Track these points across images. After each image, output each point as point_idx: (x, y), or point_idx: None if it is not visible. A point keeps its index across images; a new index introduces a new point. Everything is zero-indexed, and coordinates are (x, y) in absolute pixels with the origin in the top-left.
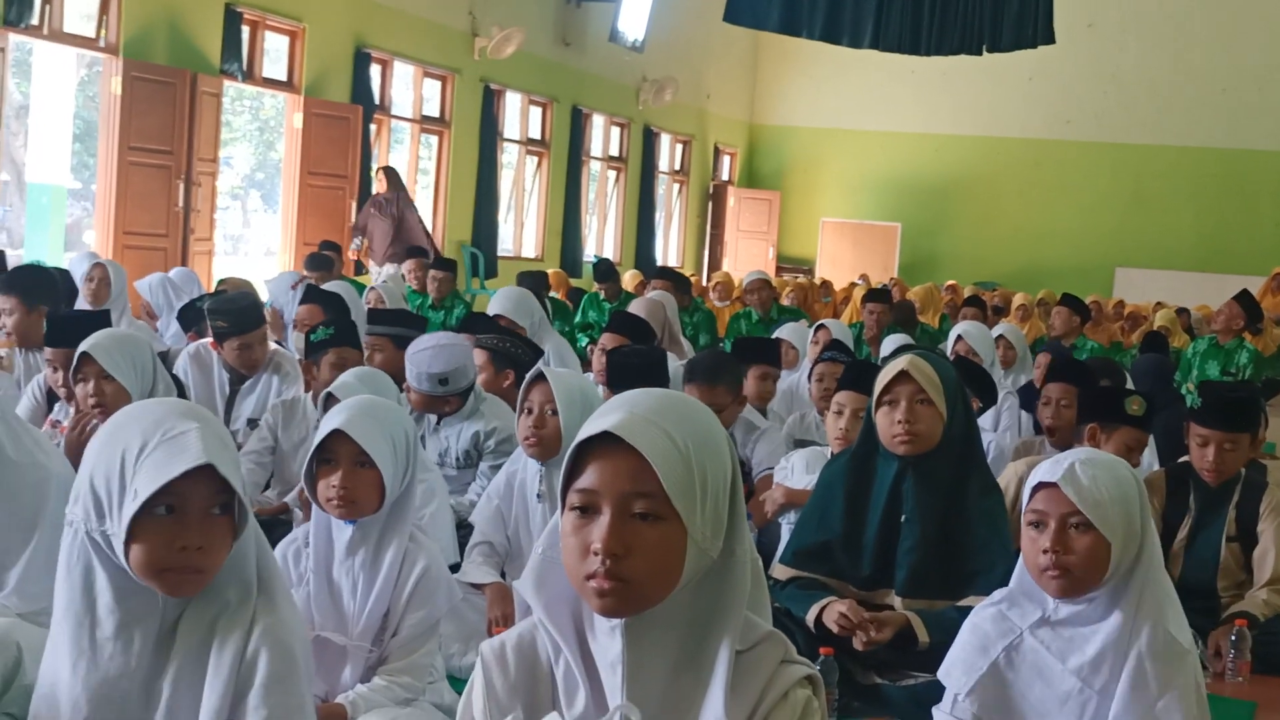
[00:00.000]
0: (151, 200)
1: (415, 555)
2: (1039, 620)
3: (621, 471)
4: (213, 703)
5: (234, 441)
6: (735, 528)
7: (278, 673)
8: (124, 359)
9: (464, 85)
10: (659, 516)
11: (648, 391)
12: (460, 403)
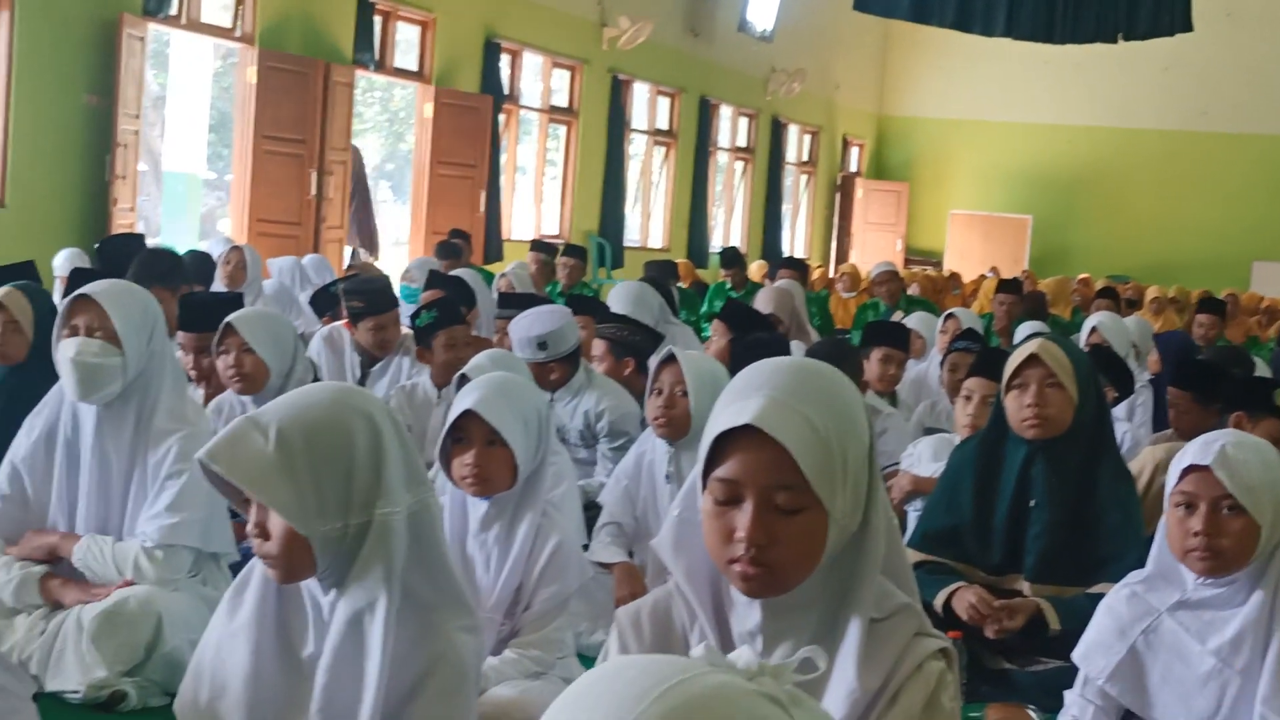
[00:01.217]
0: (285, 189)
1: (548, 531)
2: (1177, 602)
3: (764, 463)
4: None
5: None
6: (873, 496)
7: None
8: (267, 334)
9: (592, 75)
10: (802, 507)
11: (786, 367)
12: (564, 372)
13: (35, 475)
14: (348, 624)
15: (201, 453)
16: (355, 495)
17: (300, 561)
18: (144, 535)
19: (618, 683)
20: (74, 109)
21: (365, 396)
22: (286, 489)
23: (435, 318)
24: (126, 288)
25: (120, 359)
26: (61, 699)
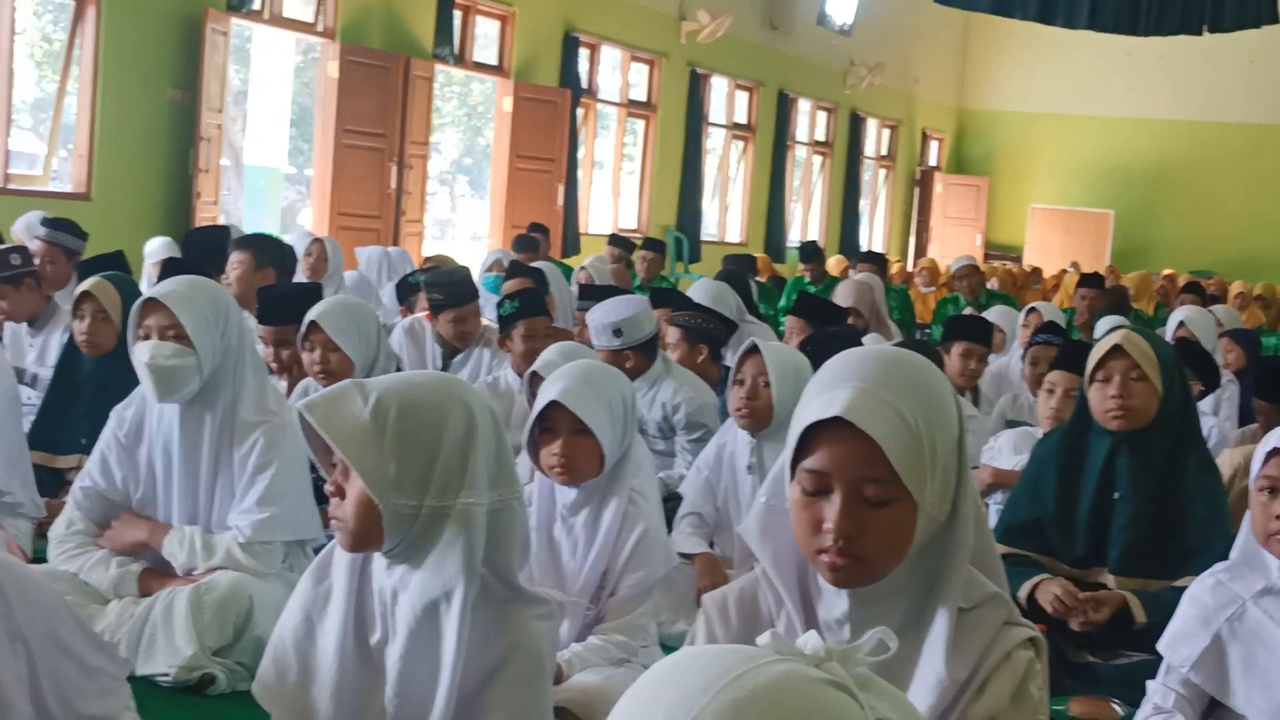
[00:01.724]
0: (365, 182)
1: (635, 518)
2: (1262, 589)
3: (853, 455)
4: (447, 687)
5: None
6: (961, 485)
7: (524, 674)
8: (351, 328)
9: (671, 69)
10: (890, 498)
11: (874, 357)
12: (640, 361)
13: (124, 467)
14: (424, 611)
15: (303, 402)
16: (435, 478)
17: (369, 530)
18: (237, 530)
19: (684, 674)
20: (159, 103)
21: (471, 391)
22: (370, 454)
23: (517, 308)
24: (194, 285)
25: (194, 358)
26: (152, 682)
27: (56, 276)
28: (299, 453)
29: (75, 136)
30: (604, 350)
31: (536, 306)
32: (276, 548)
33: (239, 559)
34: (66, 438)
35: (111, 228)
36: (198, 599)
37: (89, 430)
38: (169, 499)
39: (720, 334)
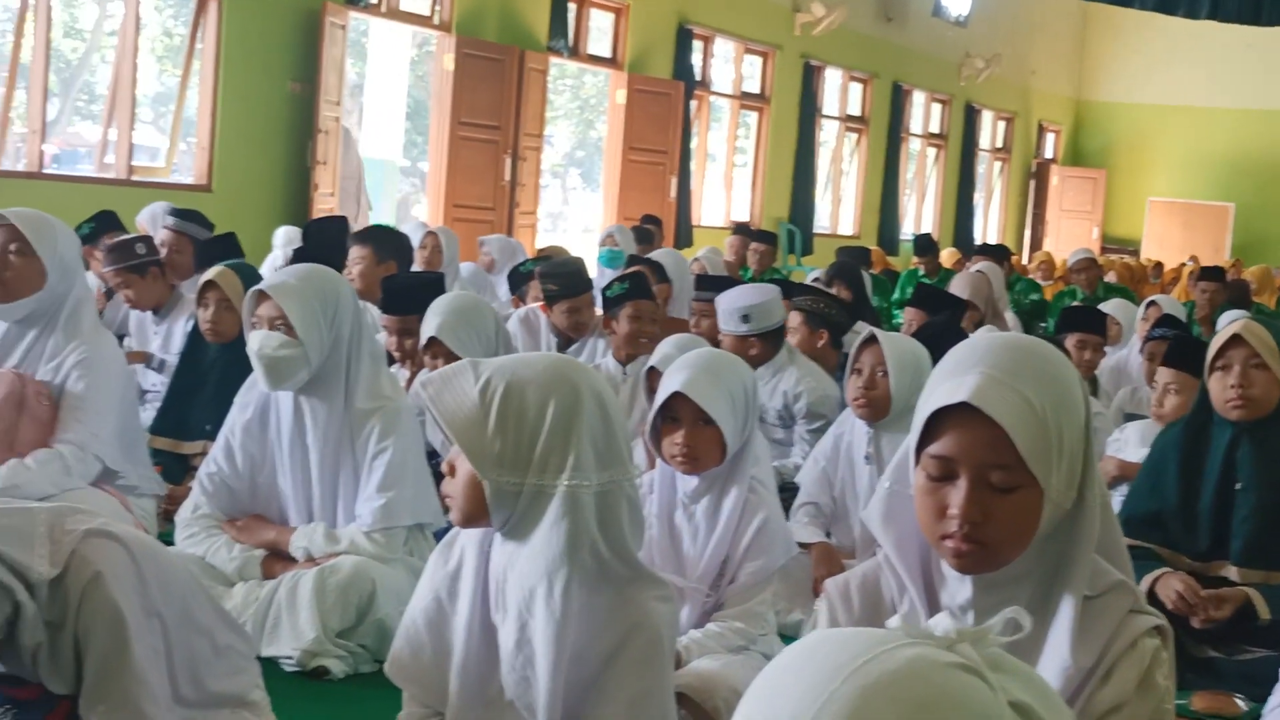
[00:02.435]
0: (479, 174)
1: (755, 506)
2: None
3: (979, 441)
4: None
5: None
6: (1088, 473)
7: (644, 656)
8: (471, 338)
9: (784, 61)
10: (1016, 485)
11: (1002, 344)
12: (765, 349)
13: (248, 452)
14: (528, 591)
15: (420, 380)
16: (536, 457)
17: (475, 506)
18: (360, 519)
19: (814, 659)
20: (278, 96)
21: (584, 372)
22: (474, 431)
23: (626, 289)
24: (304, 277)
25: (301, 349)
26: (275, 664)
27: (182, 265)
28: (416, 438)
29: (197, 129)
30: (730, 335)
31: (644, 290)
32: (398, 533)
33: (363, 546)
34: (192, 424)
35: (231, 219)
36: (321, 582)
37: (213, 417)
38: (289, 485)
39: (841, 320)
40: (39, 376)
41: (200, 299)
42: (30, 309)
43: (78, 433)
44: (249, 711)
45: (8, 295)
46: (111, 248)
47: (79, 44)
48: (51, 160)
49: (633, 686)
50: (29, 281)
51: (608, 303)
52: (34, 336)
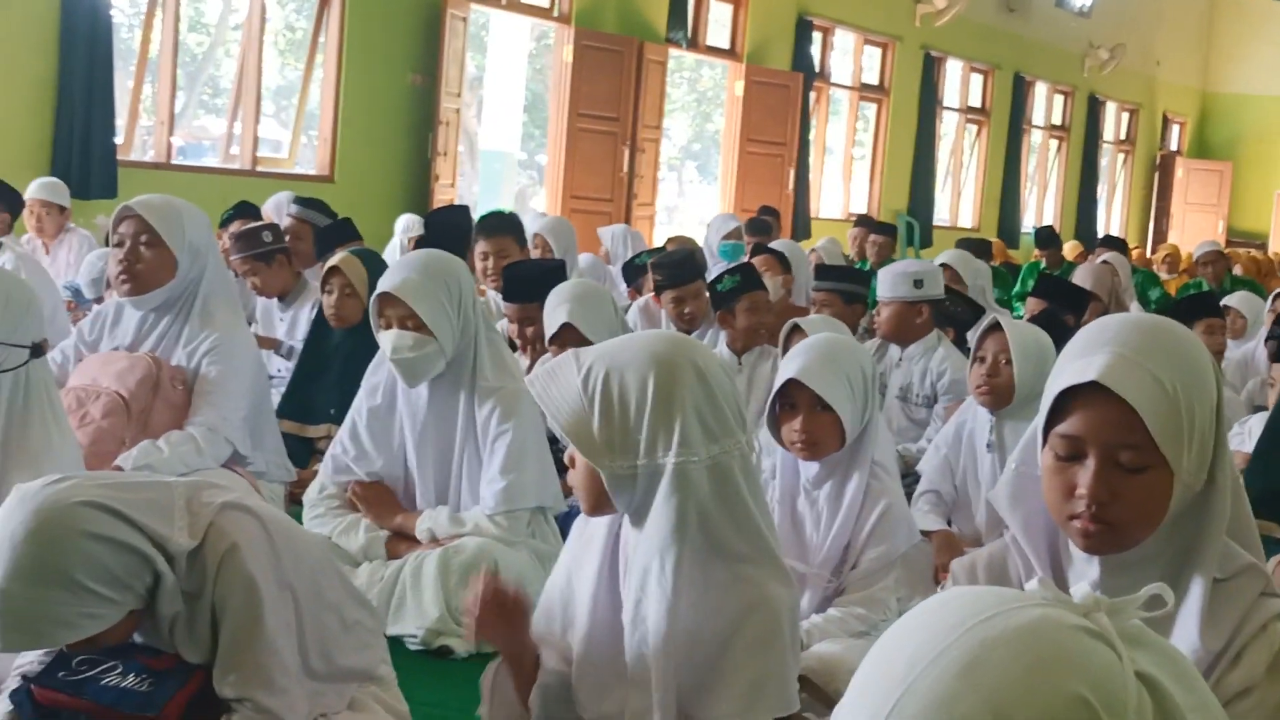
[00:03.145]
0: (598, 166)
1: (878, 492)
2: None
3: (1109, 420)
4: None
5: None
6: (1219, 454)
7: (763, 637)
8: (599, 323)
9: (904, 52)
10: (1146, 465)
11: (1133, 324)
12: (930, 322)
13: (374, 434)
14: (643, 569)
15: (528, 378)
16: (644, 439)
17: (598, 495)
18: (483, 502)
19: (940, 612)
20: (399, 89)
21: (682, 345)
22: (580, 421)
23: (738, 282)
24: (425, 271)
25: (435, 344)
26: (400, 643)
27: (306, 253)
28: (537, 421)
29: (319, 122)
30: (898, 302)
31: (756, 281)
32: (520, 515)
33: (486, 528)
34: (317, 408)
35: (353, 210)
36: (445, 562)
37: (338, 401)
38: (415, 467)
39: (967, 318)
40: (173, 362)
41: (324, 284)
42: (163, 298)
43: (209, 416)
44: (376, 686)
45: (140, 287)
46: (238, 236)
47: (204, 38)
48: (177, 153)
49: (752, 670)
50: (160, 271)
51: (720, 297)
52: (168, 322)
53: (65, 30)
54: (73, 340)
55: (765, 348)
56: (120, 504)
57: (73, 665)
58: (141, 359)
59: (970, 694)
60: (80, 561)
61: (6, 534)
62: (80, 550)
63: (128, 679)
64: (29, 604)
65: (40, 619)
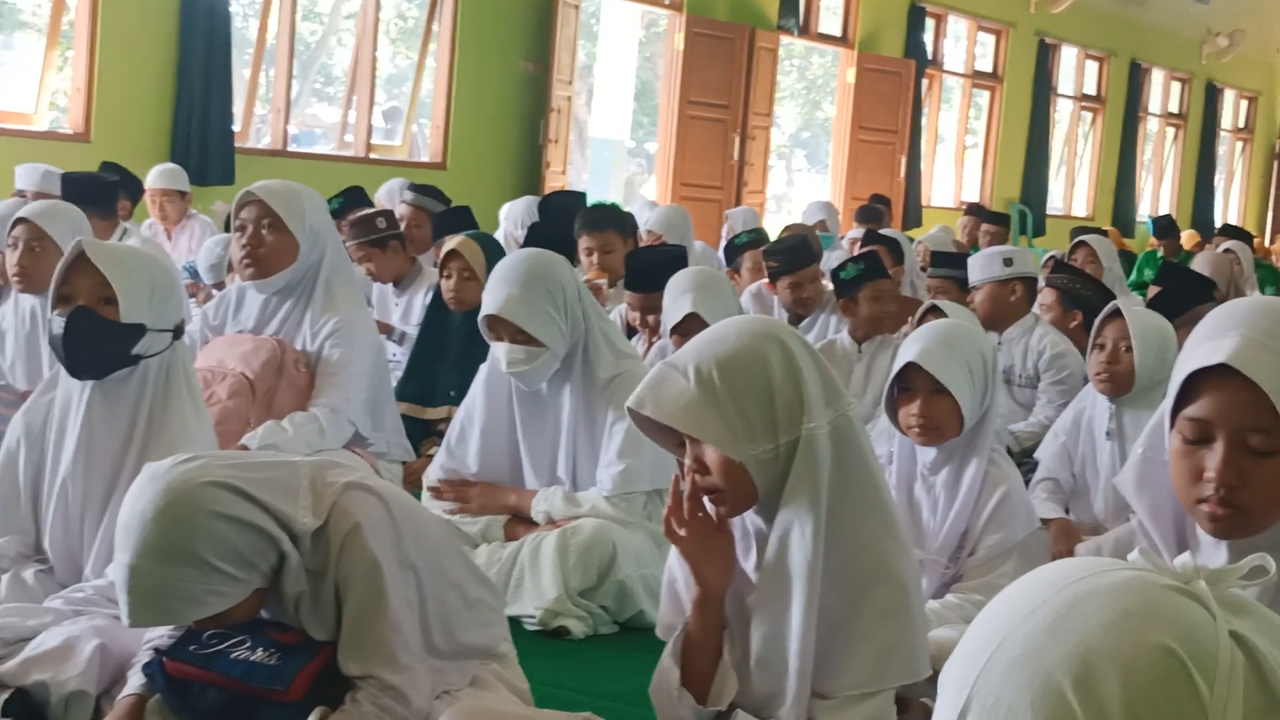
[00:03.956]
0: (708, 154)
1: (996, 478)
2: None
3: (1238, 403)
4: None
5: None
6: None
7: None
8: (722, 312)
9: (1018, 39)
10: (1276, 449)
11: (1262, 307)
12: (1024, 300)
13: (491, 418)
14: (779, 542)
15: (630, 401)
16: (780, 415)
17: (742, 489)
18: (600, 484)
19: (1042, 574)
20: (511, 76)
21: (771, 323)
22: (713, 420)
23: (862, 270)
24: (527, 284)
25: (546, 353)
26: (518, 623)
27: (421, 239)
28: None
29: (432, 109)
30: (990, 283)
31: (880, 269)
32: (637, 498)
33: (603, 509)
34: (435, 390)
35: (466, 196)
36: (564, 543)
37: (457, 383)
38: (531, 450)
39: (1097, 302)
40: (296, 344)
41: (443, 268)
42: (286, 281)
43: (332, 397)
44: (498, 664)
45: (263, 270)
46: (354, 222)
47: (317, 27)
48: (291, 140)
49: (880, 639)
50: (283, 255)
51: (844, 285)
52: (290, 305)
53: (185, 20)
54: (198, 324)
55: (886, 337)
56: (246, 484)
57: (203, 639)
58: (266, 341)
59: (1059, 645)
60: (207, 540)
61: (136, 512)
62: (207, 529)
63: (256, 653)
64: (157, 581)
65: (168, 596)
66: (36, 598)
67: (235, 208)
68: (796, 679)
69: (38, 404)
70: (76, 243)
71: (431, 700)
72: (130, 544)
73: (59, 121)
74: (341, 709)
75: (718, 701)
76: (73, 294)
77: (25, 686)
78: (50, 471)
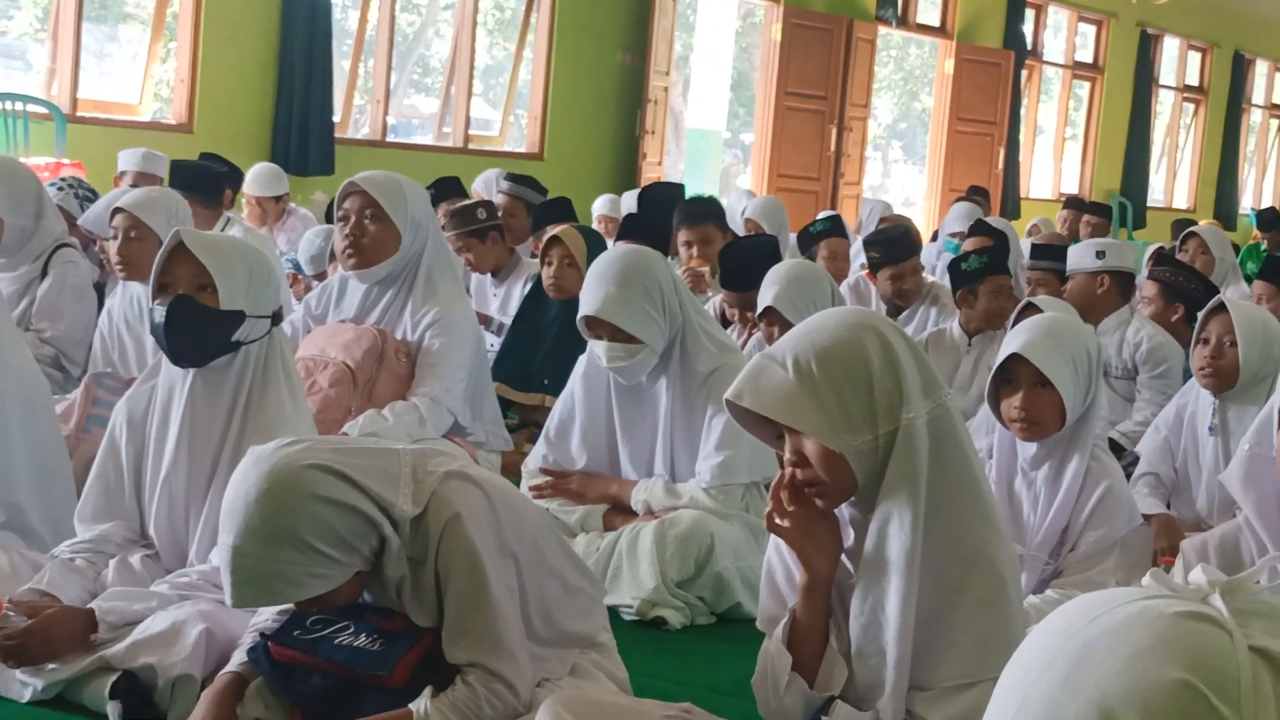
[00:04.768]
0: (804, 145)
1: (1098, 474)
2: None
3: None
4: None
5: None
6: None
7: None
8: (807, 306)
9: (1119, 30)
10: None
11: None
12: (1115, 292)
13: (589, 408)
14: (878, 533)
15: (728, 392)
16: (880, 405)
17: (842, 480)
18: (699, 476)
19: (1057, 619)
20: (608, 67)
21: (869, 313)
22: (812, 411)
23: (985, 263)
24: (624, 283)
25: (644, 349)
26: (615, 613)
27: (518, 229)
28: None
29: (529, 100)
30: (1079, 273)
31: (1002, 264)
32: (735, 490)
33: (702, 501)
34: (531, 377)
35: (562, 187)
36: (662, 533)
37: (552, 371)
38: (630, 442)
39: (1199, 296)
40: (397, 334)
41: (544, 256)
42: (387, 271)
43: (432, 387)
44: (597, 653)
45: (365, 260)
46: (453, 213)
47: (415, 18)
48: (389, 131)
49: (978, 629)
50: (385, 245)
51: (964, 276)
52: (392, 295)
53: (286, 12)
54: (300, 313)
55: (998, 333)
56: (349, 468)
57: (307, 624)
58: (368, 331)
59: (1075, 699)
60: (309, 523)
61: (240, 494)
62: (309, 512)
63: (360, 638)
64: (259, 562)
65: (270, 577)
66: (143, 582)
67: (339, 198)
68: (895, 670)
69: (140, 391)
70: (174, 232)
71: (533, 688)
72: (234, 526)
73: (163, 112)
74: (452, 688)
75: (826, 687)
76: (172, 283)
77: (133, 669)
78: (153, 459)
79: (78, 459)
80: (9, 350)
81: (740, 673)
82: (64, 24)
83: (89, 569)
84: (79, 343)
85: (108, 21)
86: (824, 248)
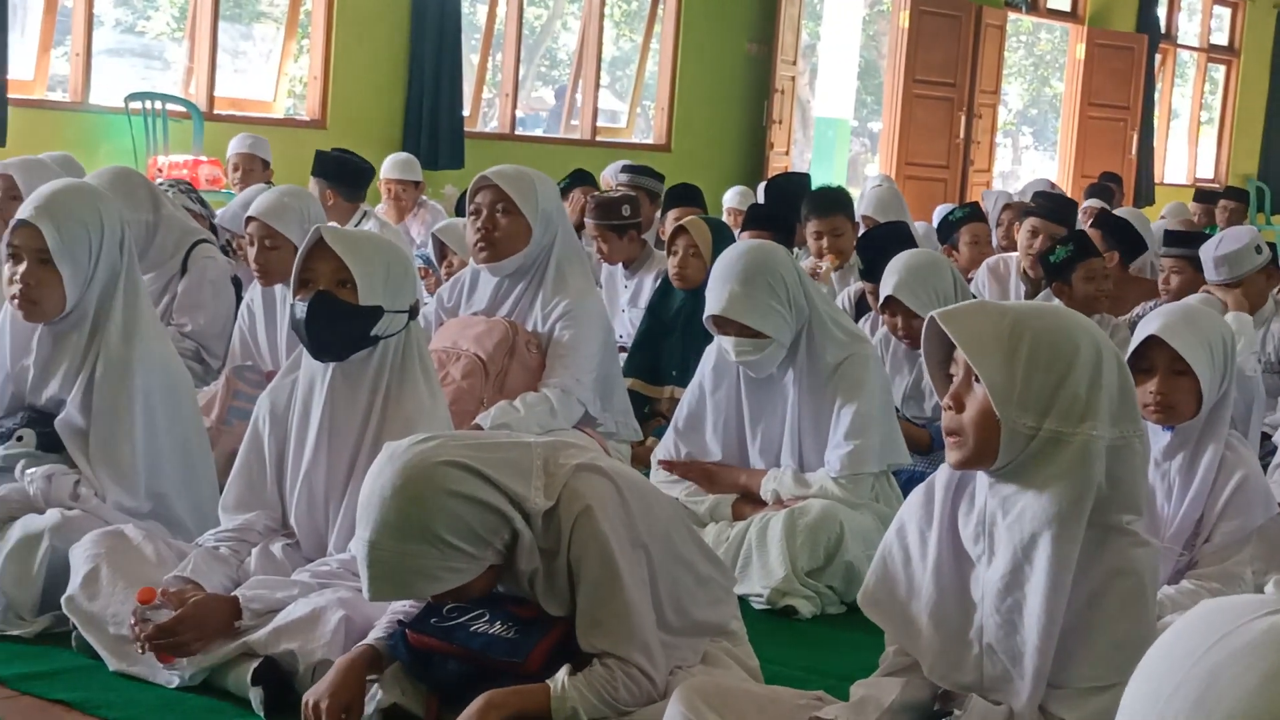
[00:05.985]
0: (933, 132)
1: (1233, 463)
2: None
3: None
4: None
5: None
6: None
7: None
8: (929, 296)
9: (1256, 12)
10: None
11: None
12: (1260, 288)
13: (718, 399)
14: (1028, 535)
15: (940, 312)
16: (1060, 402)
17: (985, 445)
18: (828, 465)
19: (1180, 640)
20: (735, 57)
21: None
22: (1001, 367)
23: (1072, 251)
24: (746, 278)
25: (773, 344)
26: (745, 603)
27: (644, 217)
28: (882, 383)
29: (656, 91)
30: (1216, 285)
31: (1091, 249)
32: (865, 479)
33: (831, 490)
34: (660, 369)
35: (689, 178)
36: (791, 523)
37: (679, 363)
38: (758, 431)
39: None
40: (528, 326)
41: (669, 245)
42: (518, 264)
43: (563, 378)
44: (728, 641)
45: (497, 254)
46: (599, 204)
47: (542, 11)
48: (517, 124)
49: (1115, 633)
50: (516, 239)
51: (1055, 268)
52: (523, 288)
53: (416, 8)
54: (433, 306)
55: (1104, 316)
56: (481, 464)
57: (444, 612)
58: (499, 323)
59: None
60: (443, 518)
61: (376, 490)
62: (444, 508)
63: (495, 626)
64: (395, 557)
65: (405, 571)
66: (284, 571)
67: (470, 192)
68: (1036, 668)
69: (281, 384)
70: (315, 229)
71: (666, 676)
72: (370, 521)
73: (296, 109)
74: (589, 668)
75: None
76: (313, 278)
77: (274, 655)
78: (295, 450)
79: (219, 450)
80: (153, 344)
81: (871, 661)
82: (200, 24)
83: (233, 557)
84: (219, 336)
85: (243, 20)
86: (966, 233)
